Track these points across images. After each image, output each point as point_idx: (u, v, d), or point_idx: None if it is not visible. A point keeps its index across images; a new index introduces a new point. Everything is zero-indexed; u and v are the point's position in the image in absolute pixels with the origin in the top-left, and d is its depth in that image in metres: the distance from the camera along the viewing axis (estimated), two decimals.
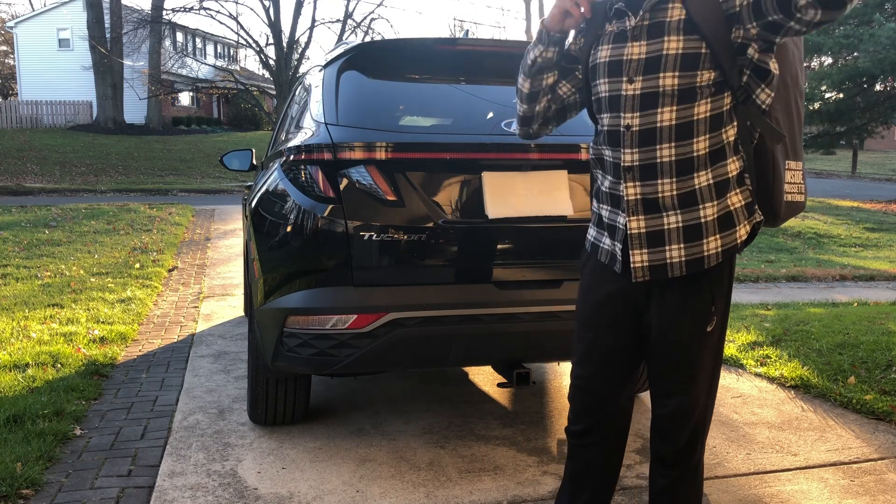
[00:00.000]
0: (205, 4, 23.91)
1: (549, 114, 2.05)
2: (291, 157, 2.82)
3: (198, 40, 35.95)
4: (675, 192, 1.75)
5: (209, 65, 33.37)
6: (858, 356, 4.14)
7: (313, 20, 22.60)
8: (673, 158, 1.74)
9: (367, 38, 15.90)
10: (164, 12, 25.34)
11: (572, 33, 1.96)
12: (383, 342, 2.66)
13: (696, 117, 1.72)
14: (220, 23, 31.20)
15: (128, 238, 8.97)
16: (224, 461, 2.93)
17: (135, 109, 29.54)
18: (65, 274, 6.73)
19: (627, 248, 1.81)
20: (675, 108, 1.72)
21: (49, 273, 6.75)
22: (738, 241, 1.78)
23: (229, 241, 9.05)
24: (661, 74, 1.72)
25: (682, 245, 1.76)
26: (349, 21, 22.39)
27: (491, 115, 2.99)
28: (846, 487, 2.72)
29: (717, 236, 1.76)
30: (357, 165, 2.68)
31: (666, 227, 1.77)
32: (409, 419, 3.38)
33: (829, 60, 20.37)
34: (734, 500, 2.64)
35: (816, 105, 18.73)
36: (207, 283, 6.63)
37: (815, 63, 21.51)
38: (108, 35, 26.19)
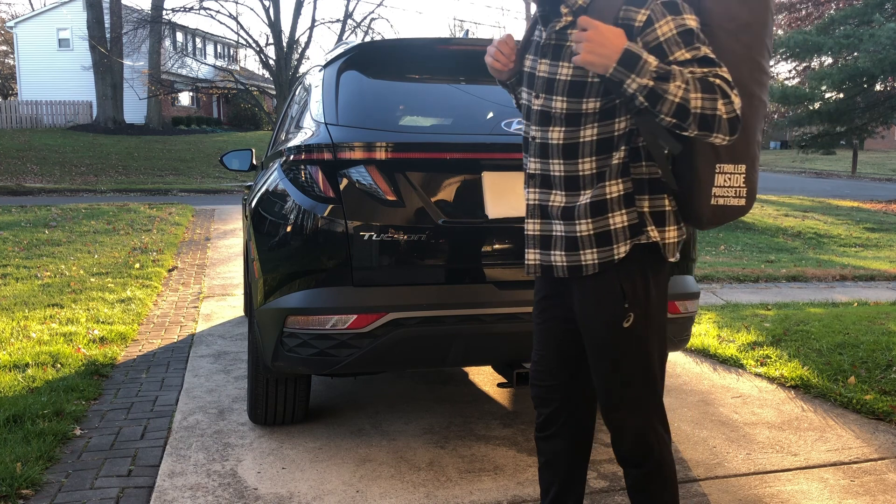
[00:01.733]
0: (205, 4, 23.89)
1: None
2: (291, 157, 2.82)
3: (198, 40, 35.96)
4: (561, 205, 1.87)
5: (209, 65, 33.37)
6: (858, 356, 4.14)
7: (313, 20, 22.59)
8: (562, 174, 1.86)
9: (367, 38, 15.89)
10: (164, 12, 25.32)
11: None
12: (383, 342, 2.66)
13: (581, 140, 1.83)
14: (220, 23, 31.21)
15: (128, 238, 8.97)
16: (224, 461, 2.93)
17: (135, 109, 29.54)
18: (65, 274, 6.73)
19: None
20: (562, 129, 1.84)
21: (49, 273, 6.75)
22: (616, 256, 1.84)
23: (229, 241, 9.05)
24: (554, 97, 1.84)
25: (563, 252, 1.88)
26: (349, 21, 22.38)
27: (491, 115, 2.99)
28: (846, 487, 2.72)
29: (594, 250, 1.85)
30: (357, 165, 2.68)
31: (553, 233, 1.90)
32: (409, 419, 3.38)
33: (829, 60, 20.38)
34: (734, 500, 2.64)
35: (816, 105, 18.73)
36: (207, 283, 6.63)
37: (815, 63, 21.53)
38: (108, 35, 26.20)
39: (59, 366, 4.05)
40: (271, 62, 22.51)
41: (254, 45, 22.65)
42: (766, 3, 1.84)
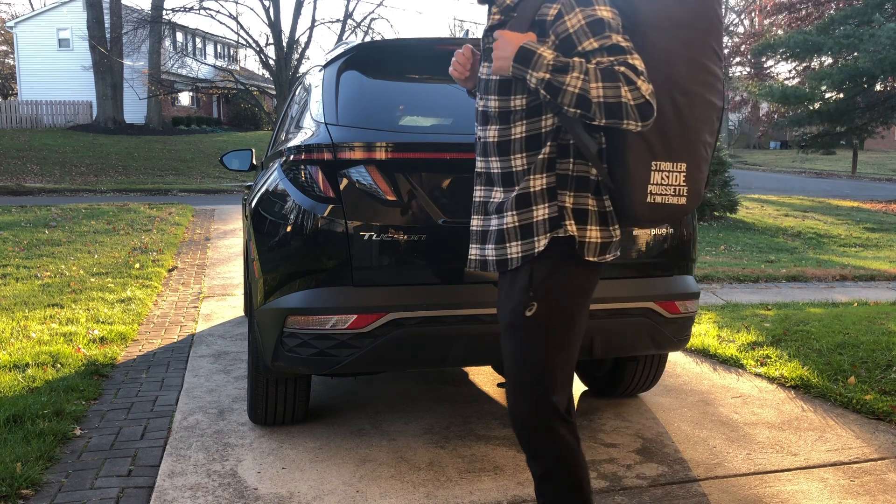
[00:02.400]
0: (205, 4, 23.92)
1: None
2: (291, 157, 2.82)
3: (198, 40, 35.95)
4: (497, 200, 1.92)
5: (209, 65, 33.37)
6: (858, 356, 4.14)
7: (313, 20, 22.61)
8: (500, 171, 1.93)
9: (367, 38, 15.89)
10: (164, 12, 25.35)
11: None
12: (383, 342, 2.66)
13: (513, 137, 1.89)
14: (220, 23, 31.26)
15: (128, 238, 8.98)
16: (224, 461, 2.93)
17: (135, 109, 29.54)
18: (65, 274, 6.73)
19: None
20: (497, 127, 1.92)
21: (49, 273, 6.75)
22: (536, 250, 1.87)
23: (229, 241, 9.05)
24: (489, 96, 1.93)
25: (494, 246, 1.93)
26: (349, 21, 22.40)
27: None
28: (846, 487, 2.72)
29: (519, 243, 1.89)
30: (357, 165, 2.68)
31: (490, 228, 1.94)
32: (409, 419, 3.38)
33: (829, 60, 20.39)
34: (734, 500, 2.64)
35: (816, 105, 18.74)
36: (207, 283, 6.63)
37: (815, 63, 21.53)
38: (108, 35, 26.20)
39: (59, 366, 4.05)
40: (271, 62, 22.53)
41: (254, 45, 22.67)
42: (709, 4, 1.85)
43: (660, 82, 1.80)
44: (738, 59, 34.28)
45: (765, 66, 30.11)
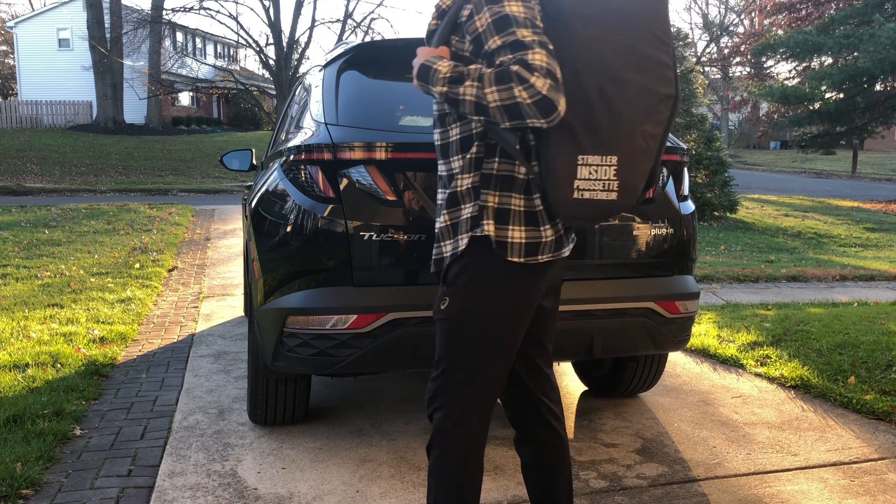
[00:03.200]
0: (205, 4, 23.94)
1: None
2: (291, 157, 2.82)
3: (198, 40, 35.96)
4: (440, 201, 1.96)
5: (209, 65, 33.38)
6: (858, 356, 4.14)
7: (313, 20, 22.61)
8: (444, 173, 1.93)
9: (367, 38, 15.88)
10: (164, 12, 25.36)
11: None
12: (383, 342, 2.66)
13: (451, 139, 1.89)
14: (220, 23, 31.24)
15: (128, 238, 8.98)
16: (224, 461, 2.93)
17: (135, 109, 29.55)
18: (65, 274, 6.73)
19: None
20: (440, 130, 1.93)
21: (49, 273, 6.75)
22: (459, 248, 1.87)
23: (229, 241, 9.05)
24: (435, 101, 1.94)
25: (437, 244, 1.95)
26: (349, 21, 22.40)
27: None
28: (846, 487, 2.72)
29: (450, 241, 1.89)
30: (357, 165, 2.68)
31: (437, 228, 1.97)
32: (409, 419, 3.38)
33: (829, 60, 20.39)
34: (734, 500, 2.64)
35: (816, 105, 18.75)
36: (207, 283, 6.63)
37: (815, 63, 21.53)
38: (108, 35, 26.20)
39: (59, 366, 4.05)
40: (271, 62, 22.53)
41: (254, 45, 22.68)
42: None
43: (586, 72, 1.72)
44: (738, 59, 34.30)
45: (765, 66, 30.11)
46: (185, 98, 35.60)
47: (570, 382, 3.98)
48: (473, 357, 1.89)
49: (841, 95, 18.78)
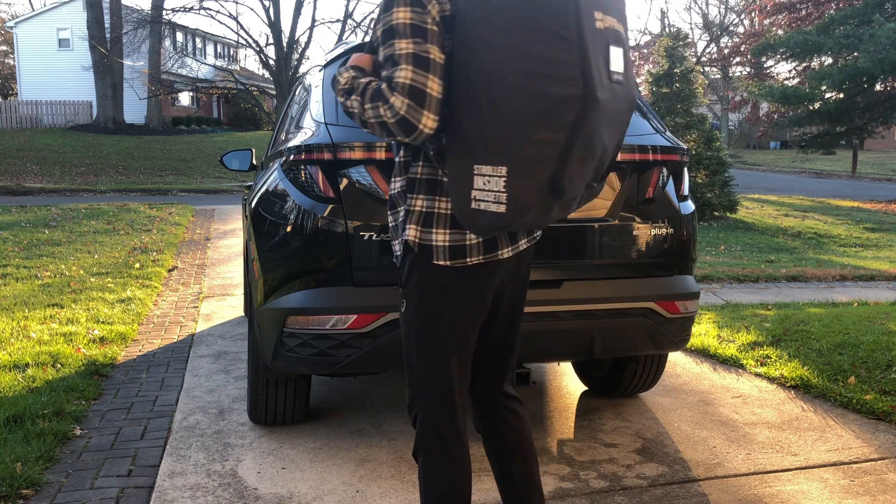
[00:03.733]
0: (205, 4, 23.96)
1: None
2: (291, 157, 2.82)
3: (198, 40, 35.96)
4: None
5: (209, 65, 33.39)
6: (858, 356, 4.14)
7: (313, 20, 22.62)
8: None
9: (367, 38, 15.85)
10: (164, 12, 25.37)
11: None
12: (383, 342, 2.66)
13: (394, 140, 1.87)
14: (220, 23, 31.34)
15: (128, 238, 8.98)
16: (224, 461, 2.93)
17: (135, 109, 29.55)
18: (65, 274, 6.73)
19: None
20: None
21: (49, 273, 6.75)
22: (398, 252, 1.90)
23: (229, 241, 9.05)
24: None
25: (392, 246, 1.97)
26: (349, 21, 22.40)
27: None
28: (846, 487, 2.72)
29: (396, 243, 1.92)
30: (357, 165, 2.68)
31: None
32: (409, 419, 3.37)
33: (829, 60, 20.39)
34: (734, 500, 2.64)
35: (816, 105, 18.75)
36: (207, 283, 6.63)
37: (815, 63, 21.53)
38: (108, 35, 26.20)
39: (59, 366, 4.05)
40: (271, 62, 22.54)
41: (254, 45, 22.69)
42: None
43: (477, 77, 1.65)
44: (738, 59, 34.30)
45: (765, 66, 30.10)
46: (185, 98, 35.60)
47: (570, 382, 3.98)
48: (430, 358, 1.90)
49: (841, 95, 18.78)
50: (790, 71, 36.43)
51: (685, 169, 3.15)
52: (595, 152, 1.70)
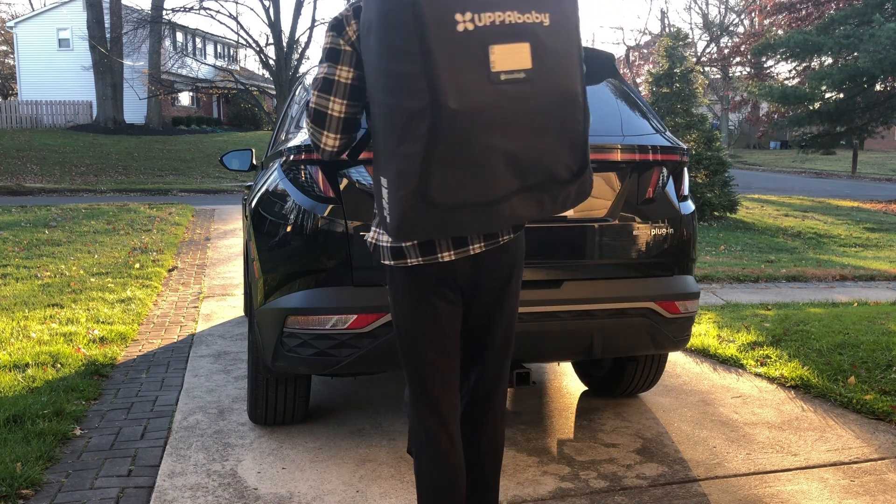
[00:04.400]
0: (205, 4, 23.96)
1: None
2: (291, 156, 2.82)
3: (198, 40, 35.95)
4: None
5: (209, 65, 33.38)
6: (858, 356, 4.14)
7: (313, 20, 22.61)
8: None
9: None
10: (164, 12, 25.35)
11: None
12: (383, 342, 2.66)
13: None
14: (220, 23, 31.33)
15: (128, 238, 8.98)
16: (224, 461, 2.93)
17: (135, 109, 29.54)
18: (65, 274, 6.73)
19: None
20: None
21: (49, 273, 6.75)
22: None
23: (229, 241, 9.05)
24: None
25: None
26: None
27: None
28: (846, 487, 2.73)
29: None
30: (357, 165, 2.68)
31: None
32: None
33: (829, 60, 20.39)
34: (734, 500, 2.64)
35: (816, 105, 18.75)
36: (207, 283, 6.63)
37: (815, 63, 21.53)
38: (108, 35, 26.19)
39: (59, 366, 4.05)
40: (271, 62, 22.53)
41: (254, 45, 22.68)
42: (378, 6, 1.65)
43: (369, 95, 1.80)
44: (738, 59, 34.29)
45: (765, 66, 30.10)
46: (185, 98, 35.59)
47: (570, 382, 3.98)
48: (405, 353, 1.98)
49: (841, 95, 18.77)
50: (790, 71, 36.41)
51: (685, 169, 3.15)
52: (478, 159, 1.63)
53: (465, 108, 1.58)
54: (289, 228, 2.77)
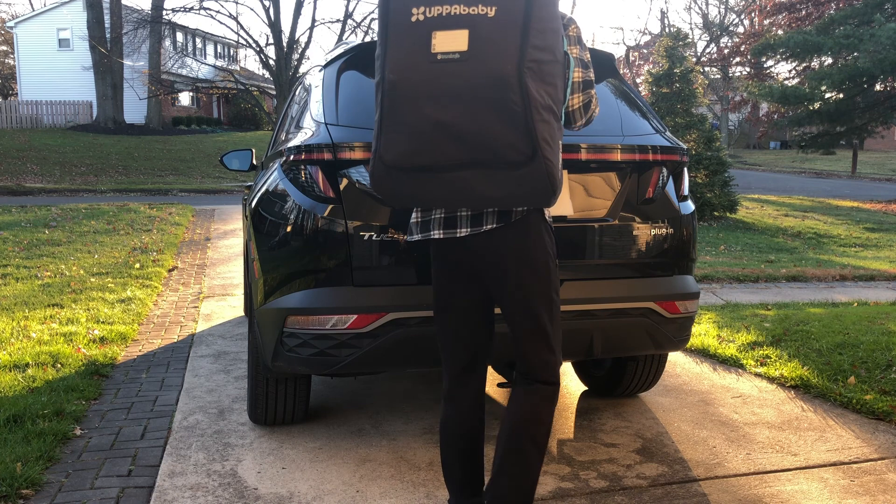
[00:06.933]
0: (205, 4, 23.92)
1: None
2: (291, 157, 2.82)
3: (198, 40, 35.95)
4: None
5: (209, 65, 33.38)
6: (858, 356, 4.14)
7: (313, 20, 22.59)
8: None
9: (367, 38, 15.86)
10: (164, 12, 25.33)
11: None
12: (383, 342, 2.66)
13: None
14: (220, 23, 31.23)
15: (128, 238, 8.98)
16: (224, 461, 2.93)
17: (135, 109, 29.54)
18: (65, 274, 6.73)
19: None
20: None
21: (49, 273, 6.75)
22: None
23: (229, 241, 9.05)
24: None
25: None
26: (349, 21, 22.36)
27: None
28: (846, 487, 2.73)
29: None
30: (357, 165, 2.68)
31: None
32: (409, 419, 3.38)
33: (829, 60, 20.39)
34: (734, 500, 2.64)
35: (816, 105, 18.74)
36: (207, 283, 6.63)
37: (815, 63, 21.53)
38: (108, 35, 26.20)
39: (59, 366, 4.05)
40: (271, 62, 22.51)
41: (254, 45, 22.65)
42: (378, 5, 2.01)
43: None
44: (738, 59, 34.28)
45: (765, 66, 30.10)
46: (185, 98, 35.59)
47: (570, 382, 3.98)
48: (434, 314, 2.26)
49: (841, 95, 18.76)
50: (790, 71, 36.42)
51: (685, 169, 3.15)
52: (412, 124, 1.90)
53: (403, 80, 1.89)
54: (289, 228, 2.77)
